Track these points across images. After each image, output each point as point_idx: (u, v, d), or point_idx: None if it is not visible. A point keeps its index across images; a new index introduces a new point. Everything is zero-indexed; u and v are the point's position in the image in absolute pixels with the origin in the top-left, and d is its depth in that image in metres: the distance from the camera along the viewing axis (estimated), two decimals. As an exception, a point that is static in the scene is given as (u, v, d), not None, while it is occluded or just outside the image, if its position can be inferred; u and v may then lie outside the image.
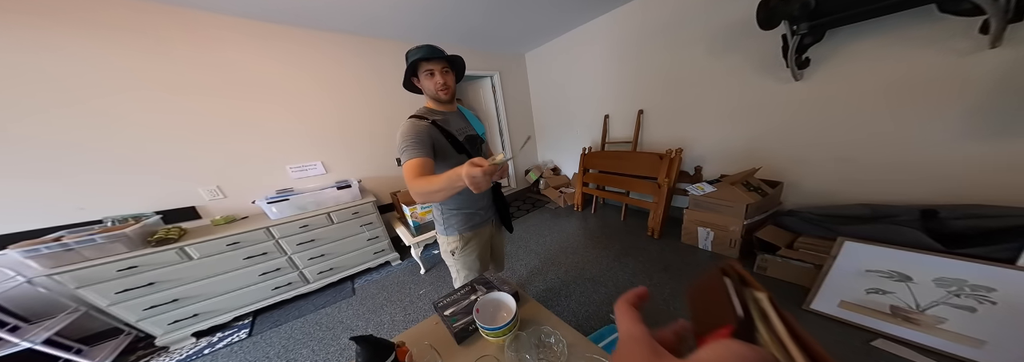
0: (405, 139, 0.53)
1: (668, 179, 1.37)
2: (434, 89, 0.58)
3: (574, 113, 2.01)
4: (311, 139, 1.41)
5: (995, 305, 0.60)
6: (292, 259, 1.18)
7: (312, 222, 1.18)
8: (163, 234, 0.95)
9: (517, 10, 1.39)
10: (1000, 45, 0.68)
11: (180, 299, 0.97)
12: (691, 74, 1.34)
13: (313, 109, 1.40)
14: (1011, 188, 0.73)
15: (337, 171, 1.51)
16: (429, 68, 0.57)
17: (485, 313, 0.48)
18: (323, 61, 1.40)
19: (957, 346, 0.64)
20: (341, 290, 1.30)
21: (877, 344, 0.70)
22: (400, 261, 1.51)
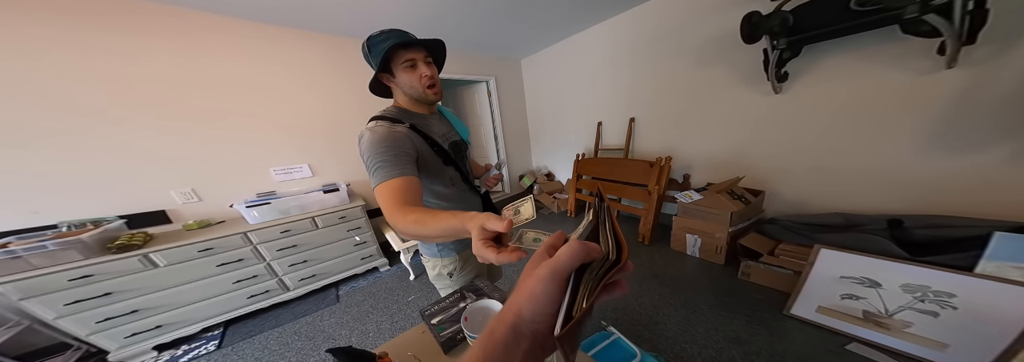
0: (377, 152, 0.38)
1: (658, 186, 1.40)
2: (420, 85, 0.44)
3: (568, 119, 2.03)
4: (298, 141, 1.36)
5: (956, 310, 0.63)
6: (271, 266, 1.12)
7: (295, 227, 1.13)
8: (125, 240, 0.88)
9: (514, 18, 1.40)
10: (956, 66, 0.74)
11: (140, 310, 0.90)
12: (680, 84, 1.38)
13: (301, 111, 1.35)
14: (968, 200, 0.79)
15: (324, 174, 1.46)
16: (409, 57, 0.42)
17: (474, 321, 0.46)
18: (314, 62, 1.36)
19: (923, 349, 0.67)
20: (324, 297, 1.24)
21: (851, 348, 0.73)
22: (389, 267, 1.47)
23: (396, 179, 0.36)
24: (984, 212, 0.76)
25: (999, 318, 0.59)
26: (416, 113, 0.49)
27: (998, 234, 0.61)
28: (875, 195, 0.95)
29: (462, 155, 0.54)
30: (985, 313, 0.61)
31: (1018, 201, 0.73)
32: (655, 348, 0.79)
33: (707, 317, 0.88)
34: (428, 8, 1.21)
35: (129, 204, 1.02)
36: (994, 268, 0.61)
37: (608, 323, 0.82)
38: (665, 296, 1.01)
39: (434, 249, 0.56)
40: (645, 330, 0.85)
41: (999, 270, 0.60)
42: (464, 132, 0.56)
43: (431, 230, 0.29)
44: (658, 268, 1.22)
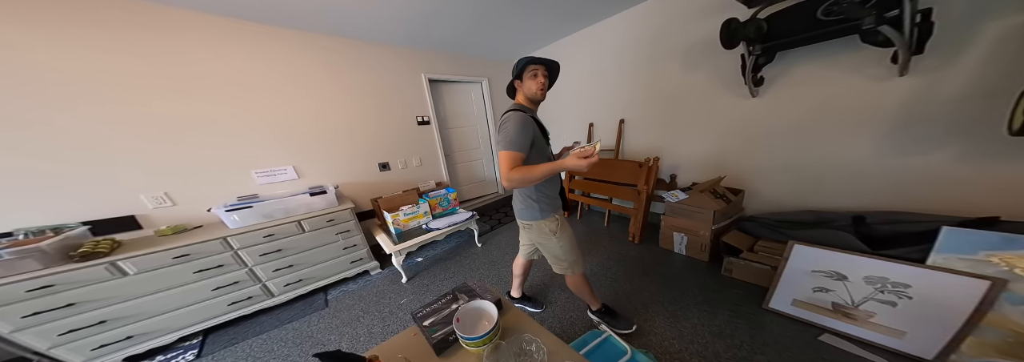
0: (516, 130, 0.61)
1: (647, 186, 1.44)
2: (536, 88, 0.66)
3: (561, 121, 2.06)
4: (282, 142, 1.32)
5: (911, 300, 0.68)
6: (253, 271, 1.08)
7: (279, 231, 1.10)
8: (90, 247, 0.83)
9: (506, 22, 1.42)
10: (907, 74, 0.81)
11: (108, 320, 0.85)
12: (667, 87, 1.43)
13: (287, 111, 1.31)
14: (921, 197, 0.86)
15: (311, 176, 1.42)
16: (535, 69, 0.66)
17: (466, 322, 0.47)
18: (303, 62, 1.33)
19: (885, 337, 0.72)
20: (312, 303, 1.21)
21: (824, 338, 0.77)
22: (380, 270, 1.45)
23: (518, 153, 0.61)
24: (935, 208, 0.83)
25: (948, 306, 0.64)
26: (530, 109, 0.71)
27: (945, 229, 0.65)
28: (841, 193, 1.02)
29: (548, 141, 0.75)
30: (936, 302, 0.66)
31: (962, 198, 0.80)
32: (644, 345, 0.81)
33: (693, 313, 0.92)
34: (422, 10, 1.21)
35: (94, 210, 0.96)
36: (942, 260, 0.65)
37: (600, 322, 0.86)
38: (654, 293, 1.04)
39: (537, 213, 0.72)
40: (624, 314, 0.89)
41: (947, 262, 0.65)
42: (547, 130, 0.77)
43: (538, 173, 0.58)
44: (647, 266, 1.25)
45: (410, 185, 1.76)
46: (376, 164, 1.68)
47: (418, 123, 1.82)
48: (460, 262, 1.47)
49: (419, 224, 1.50)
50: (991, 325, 0.61)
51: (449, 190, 1.71)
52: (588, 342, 0.65)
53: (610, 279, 1.19)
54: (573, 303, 1.05)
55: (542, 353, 0.40)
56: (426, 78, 1.79)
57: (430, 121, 1.87)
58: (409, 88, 1.74)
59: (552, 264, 0.81)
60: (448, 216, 1.57)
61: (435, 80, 1.86)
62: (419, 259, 1.56)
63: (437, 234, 1.41)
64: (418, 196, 1.62)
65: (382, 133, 1.66)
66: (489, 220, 2.04)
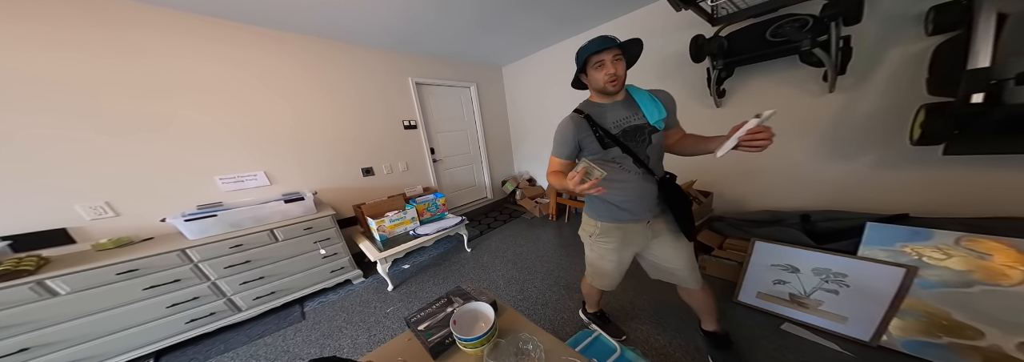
0: (555, 137, 0.61)
1: None
2: (602, 81, 0.54)
3: (548, 126, 2.11)
4: (252, 146, 1.23)
5: (849, 288, 0.76)
6: (217, 285, 0.99)
7: (248, 240, 1.02)
8: (11, 266, 0.73)
9: (492, 28, 1.45)
10: (835, 91, 0.93)
11: (33, 348, 0.73)
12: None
13: (257, 114, 1.23)
14: (853, 197, 0.99)
15: (286, 182, 1.34)
16: (600, 59, 0.53)
17: (462, 325, 0.46)
18: (275, 63, 1.26)
19: (831, 323, 0.79)
20: (287, 315, 1.13)
21: (785, 327, 0.84)
22: (363, 279, 1.38)
23: (556, 159, 0.62)
24: (862, 206, 0.95)
25: (877, 292, 0.72)
26: (596, 103, 0.61)
27: (869, 224, 0.75)
28: (791, 194, 1.14)
29: (638, 138, 0.58)
30: (868, 289, 0.74)
31: (882, 198, 0.93)
32: (632, 341, 0.84)
33: (676, 309, 0.96)
34: (410, 16, 1.21)
35: (15, 223, 0.83)
36: (869, 252, 0.74)
37: (590, 320, 0.88)
38: (638, 292, 1.08)
39: (589, 210, 0.68)
40: (623, 325, 0.90)
41: (872, 253, 0.74)
42: (653, 114, 0.57)
43: (557, 184, 0.57)
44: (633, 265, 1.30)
45: (396, 190, 1.71)
46: (359, 169, 1.61)
47: (404, 127, 1.78)
48: (449, 268, 1.44)
49: (406, 230, 1.46)
50: (910, 308, 0.69)
51: (437, 195, 1.69)
52: (580, 341, 0.66)
53: None
54: (564, 304, 1.06)
55: (539, 351, 0.41)
56: (413, 81, 1.77)
57: (417, 125, 1.84)
58: (395, 91, 1.70)
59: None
60: (436, 222, 1.54)
61: (423, 83, 1.84)
62: (406, 266, 1.50)
63: (425, 240, 1.38)
64: (405, 202, 1.58)
65: (365, 137, 1.60)
66: (478, 225, 2.02)
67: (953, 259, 0.65)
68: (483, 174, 2.38)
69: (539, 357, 0.40)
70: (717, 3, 0.89)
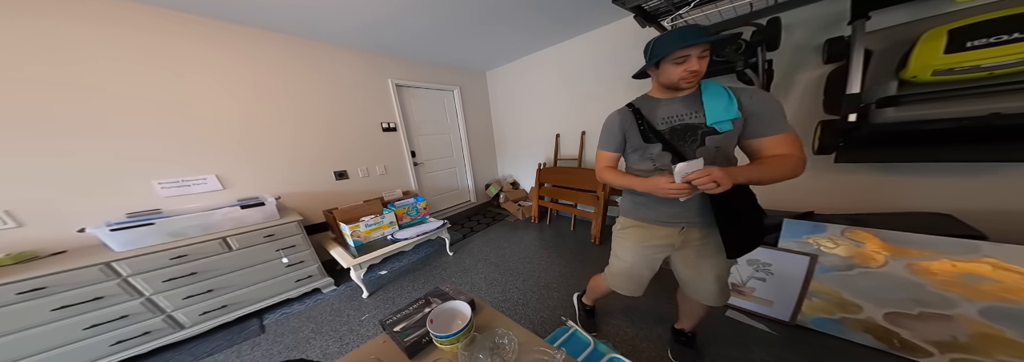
0: (602, 129, 0.61)
1: (603, 192, 1.59)
2: (677, 77, 0.47)
3: (531, 130, 2.15)
4: (201, 148, 1.11)
5: (773, 275, 0.87)
6: (152, 301, 0.88)
7: (194, 251, 0.92)
8: None
9: (477, 35, 1.45)
10: None
11: None
12: (616, 103, 1.61)
13: (207, 112, 1.12)
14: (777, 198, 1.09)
15: (241, 186, 1.23)
16: (686, 54, 0.45)
17: (439, 323, 0.46)
18: (230, 58, 1.16)
19: (763, 307, 0.89)
20: (242, 330, 1.03)
21: (729, 314, 0.92)
22: (335, 287, 1.30)
23: (604, 152, 0.62)
24: (783, 206, 1.07)
25: (792, 277, 0.84)
26: (652, 98, 0.56)
27: (785, 221, 0.87)
28: None
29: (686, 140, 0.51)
30: (786, 275, 0.85)
31: (796, 198, 1.07)
32: (604, 334, 0.88)
33: (642, 303, 1.01)
34: (389, 20, 1.18)
35: None
36: (785, 244, 0.86)
37: (567, 318, 0.91)
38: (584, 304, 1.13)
39: (622, 206, 0.66)
40: (597, 320, 0.95)
41: (788, 245, 0.86)
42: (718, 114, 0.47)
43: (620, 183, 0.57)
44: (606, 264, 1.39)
45: (373, 194, 1.64)
46: (331, 172, 1.53)
47: (383, 129, 1.73)
48: (430, 272, 1.40)
49: (383, 235, 1.40)
50: (815, 290, 0.81)
51: (418, 199, 1.64)
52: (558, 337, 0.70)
53: (574, 278, 1.25)
54: (544, 303, 1.08)
55: (514, 344, 0.43)
56: (393, 83, 1.72)
57: (397, 128, 1.79)
58: (372, 93, 1.64)
59: None
60: (416, 226, 1.50)
61: (403, 85, 1.80)
62: (383, 272, 1.44)
63: (404, 245, 1.33)
64: (382, 206, 1.52)
65: (338, 139, 1.53)
66: (461, 229, 2.00)
67: (840, 247, 0.78)
68: (466, 177, 2.36)
69: (513, 349, 0.42)
70: (676, 23, 0.97)
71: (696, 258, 0.60)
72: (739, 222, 0.52)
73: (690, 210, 0.55)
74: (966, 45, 0.58)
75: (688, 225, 0.57)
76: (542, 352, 0.40)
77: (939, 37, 0.61)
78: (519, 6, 1.20)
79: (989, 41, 0.56)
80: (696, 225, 0.56)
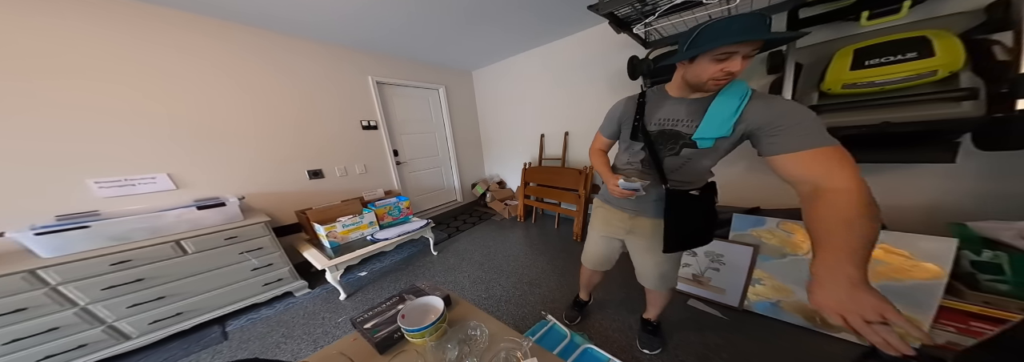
0: (607, 113, 0.62)
1: (585, 191, 1.65)
2: (707, 77, 0.40)
3: (516, 131, 2.17)
4: (151, 144, 1.02)
5: (725, 265, 0.96)
6: (89, 311, 0.80)
7: (140, 255, 0.85)
8: None
9: (462, 34, 1.44)
10: None
11: None
12: (596, 105, 1.65)
13: (156, 106, 1.02)
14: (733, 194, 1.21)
15: (198, 186, 1.14)
16: (733, 50, 0.37)
17: (411, 318, 0.46)
18: (192, 51, 1.07)
19: (717, 295, 0.97)
20: (200, 338, 0.97)
21: (690, 303, 1.00)
22: (309, 290, 1.25)
23: (599, 134, 0.66)
24: (737, 202, 1.18)
25: (740, 266, 0.93)
26: (665, 93, 0.52)
27: (735, 215, 0.96)
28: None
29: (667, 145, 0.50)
30: (735, 265, 0.94)
31: (746, 195, 1.15)
32: (580, 326, 0.92)
33: (615, 296, 1.07)
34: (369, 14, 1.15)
35: None
36: (735, 236, 0.96)
37: (547, 312, 0.91)
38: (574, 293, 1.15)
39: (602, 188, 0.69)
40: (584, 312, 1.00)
41: (736, 237, 0.95)
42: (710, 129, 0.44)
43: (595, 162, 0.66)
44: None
45: (352, 194, 1.59)
46: (305, 171, 1.46)
47: (363, 128, 1.67)
48: (413, 272, 1.38)
49: (362, 235, 1.36)
50: (757, 277, 0.90)
51: (400, 198, 1.61)
52: (537, 331, 0.73)
53: (557, 273, 1.29)
54: (526, 299, 1.11)
55: (484, 335, 0.44)
56: (374, 80, 1.67)
57: (378, 126, 1.74)
58: (351, 89, 1.58)
59: None
60: (398, 226, 1.47)
61: (385, 83, 1.75)
62: (362, 273, 1.40)
63: (384, 245, 1.30)
64: (362, 206, 1.47)
65: (313, 137, 1.46)
66: (446, 228, 1.98)
67: (776, 238, 0.89)
68: (452, 177, 2.33)
69: (483, 340, 0.43)
70: (648, 29, 1.02)
71: (644, 246, 0.65)
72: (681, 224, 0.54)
73: (643, 202, 0.60)
74: (865, 63, 0.67)
75: (636, 213, 0.63)
76: (510, 341, 0.42)
77: (847, 55, 0.70)
78: (503, 8, 1.21)
79: (882, 61, 0.65)
80: (646, 215, 0.61)
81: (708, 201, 0.55)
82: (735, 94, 0.43)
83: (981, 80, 0.60)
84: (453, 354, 0.40)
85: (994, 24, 0.62)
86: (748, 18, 0.36)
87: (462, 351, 0.41)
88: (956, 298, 0.67)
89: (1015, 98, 0.55)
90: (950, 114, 0.62)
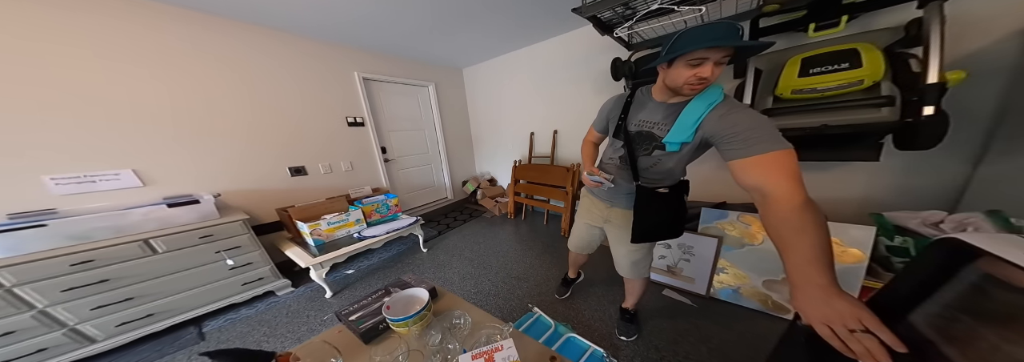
0: (599, 108, 0.66)
1: (572, 188, 1.70)
2: (683, 81, 0.42)
3: (507, 128, 2.19)
4: (115, 139, 0.96)
5: (695, 256, 1.04)
6: (48, 314, 0.76)
7: (105, 255, 0.81)
8: None
9: (449, 31, 1.43)
10: None
11: None
12: (581, 104, 1.70)
13: (125, 99, 0.97)
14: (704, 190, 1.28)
15: (169, 183, 1.09)
16: (705, 56, 0.39)
17: (396, 309, 0.47)
18: (160, 41, 1.01)
19: (687, 284, 1.05)
20: (174, 339, 0.94)
21: (665, 292, 1.06)
22: (293, 289, 1.23)
23: (592, 128, 0.72)
24: (705, 197, 1.26)
25: (706, 257, 1.00)
26: (647, 94, 0.56)
27: (703, 209, 1.03)
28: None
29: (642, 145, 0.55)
30: (703, 255, 1.01)
31: (715, 190, 1.23)
32: (565, 316, 0.96)
33: (598, 288, 1.13)
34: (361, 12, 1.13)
35: None
36: (702, 229, 1.03)
37: (533, 304, 0.96)
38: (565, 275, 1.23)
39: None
40: (559, 305, 1.05)
41: (704, 229, 1.03)
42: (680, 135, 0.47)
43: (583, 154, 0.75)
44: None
45: (337, 191, 1.56)
46: (286, 168, 1.42)
47: (349, 124, 1.63)
48: (402, 269, 1.39)
49: (348, 233, 1.35)
50: (721, 266, 0.98)
51: (388, 196, 1.60)
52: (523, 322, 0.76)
53: (544, 267, 1.34)
54: (514, 293, 1.15)
55: (467, 323, 0.46)
56: (360, 76, 1.63)
57: (365, 122, 1.71)
58: (336, 85, 1.54)
59: None
60: (387, 223, 1.47)
61: (372, 79, 1.71)
62: (350, 271, 1.39)
63: (372, 242, 1.30)
64: (348, 203, 1.45)
65: (296, 133, 1.42)
66: (437, 225, 1.99)
67: (736, 229, 0.97)
68: (443, 174, 2.33)
69: (466, 327, 0.45)
70: (631, 32, 1.07)
71: (617, 235, 0.71)
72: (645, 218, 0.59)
73: (618, 194, 0.66)
74: (809, 71, 0.75)
75: (612, 204, 0.70)
76: (492, 327, 0.44)
77: (796, 63, 0.77)
78: (490, 7, 1.21)
79: (822, 69, 0.73)
80: (619, 207, 0.68)
81: (677, 199, 0.59)
82: (704, 100, 0.46)
83: (898, 89, 0.69)
84: (435, 340, 0.42)
85: (910, 40, 0.71)
86: (722, 27, 0.38)
87: (445, 337, 0.42)
88: (874, 278, 0.77)
89: (923, 105, 0.64)
90: (873, 118, 0.71)
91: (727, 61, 0.41)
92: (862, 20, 0.85)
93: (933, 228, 0.71)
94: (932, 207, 0.80)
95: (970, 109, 0.79)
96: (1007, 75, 0.76)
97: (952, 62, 0.76)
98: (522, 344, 0.43)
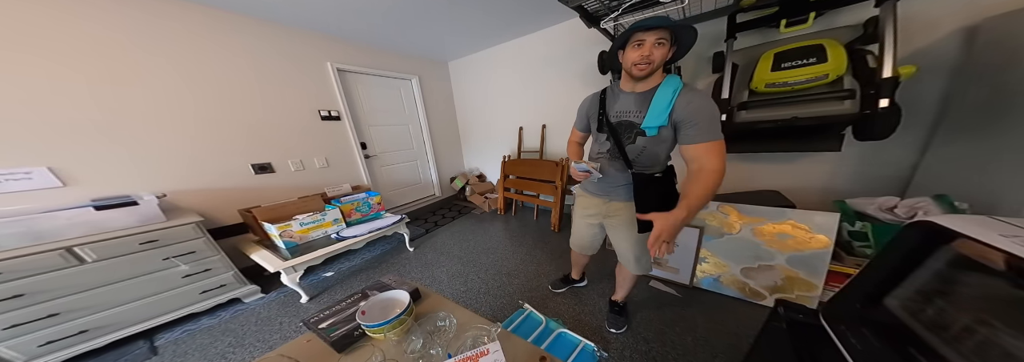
0: (577, 109, 0.69)
1: (561, 182, 1.70)
2: (630, 63, 0.51)
3: (495, 123, 2.15)
4: (20, 132, 0.82)
5: (679, 246, 1.03)
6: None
7: (15, 267, 0.69)
8: None
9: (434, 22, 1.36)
10: None
11: None
12: (569, 97, 1.69)
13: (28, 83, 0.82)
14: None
15: (98, 182, 0.95)
16: (641, 38, 0.49)
17: (373, 315, 0.43)
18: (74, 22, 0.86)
19: (673, 275, 1.07)
20: (119, 356, 0.85)
21: (652, 284, 1.08)
22: (263, 295, 1.14)
23: (574, 128, 0.75)
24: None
25: (689, 247, 1.02)
26: (618, 88, 0.60)
27: None
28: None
29: (625, 134, 0.59)
30: (686, 246, 1.02)
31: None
32: (557, 314, 0.95)
33: (590, 284, 1.13)
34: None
35: None
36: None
37: (524, 301, 0.95)
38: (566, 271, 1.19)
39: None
40: (550, 301, 1.03)
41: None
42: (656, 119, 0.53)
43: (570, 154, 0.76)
44: (563, 250, 1.44)
45: (312, 190, 1.45)
46: (249, 165, 1.30)
47: (323, 118, 1.52)
48: (387, 270, 1.33)
49: (325, 234, 1.26)
50: (703, 256, 1.01)
51: (370, 194, 1.51)
52: (514, 320, 0.74)
53: (534, 264, 1.33)
54: (504, 290, 1.12)
55: (453, 325, 0.43)
56: (334, 67, 1.51)
57: (341, 116, 1.59)
58: (305, 76, 1.42)
59: None
60: (368, 222, 1.39)
61: (347, 71, 1.59)
62: (328, 274, 1.31)
63: (351, 243, 1.22)
64: (325, 202, 1.36)
65: (258, 127, 1.29)
66: (424, 223, 1.93)
67: (716, 219, 0.99)
68: (429, 171, 2.25)
69: (451, 330, 0.43)
70: (616, 24, 1.05)
71: (620, 229, 0.71)
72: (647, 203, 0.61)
73: (614, 187, 0.67)
74: (781, 66, 0.78)
75: (609, 197, 0.70)
76: (479, 328, 0.42)
77: (769, 58, 0.80)
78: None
79: (792, 64, 0.76)
80: (618, 199, 0.68)
81: (669, 183, 0.64)
82: (669, 87, 0.54)
83: (857, 83, 0.73)
84: (416, 345, 0.39)
85: (868, 37, 0.75)
86: (657, 17, 0.50)
87: (427, 342, 0.40)
88: (838, 262, 0.82)
89: (879, 98, 0.68)
90: (836, 111, 0.74)
91: (665, 44, 0.50)
92: (827, 17, 0.88)
93: (888, 213, 0.75)
94: (886, 193, 0.86)
95: (918, 101, 0.85)
96: (948, 70, 0.82)
97: (903, 58, 0.81)
98: (511, 345, 0.41)
